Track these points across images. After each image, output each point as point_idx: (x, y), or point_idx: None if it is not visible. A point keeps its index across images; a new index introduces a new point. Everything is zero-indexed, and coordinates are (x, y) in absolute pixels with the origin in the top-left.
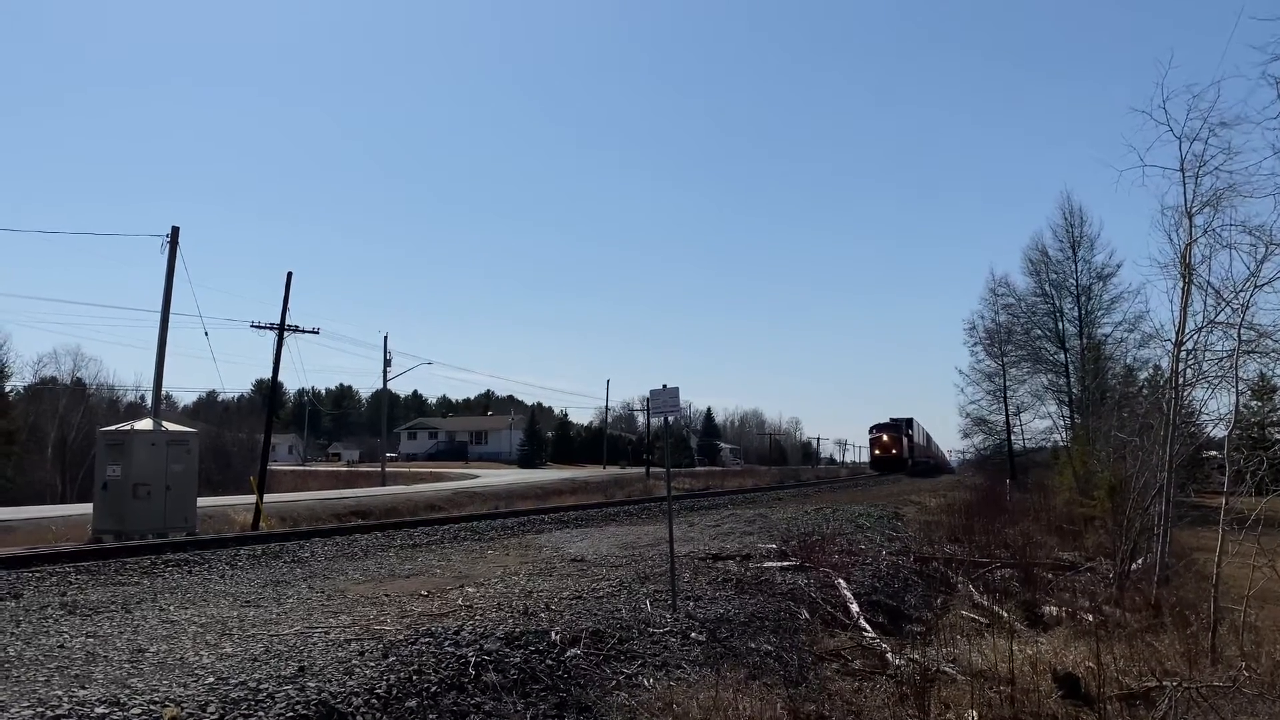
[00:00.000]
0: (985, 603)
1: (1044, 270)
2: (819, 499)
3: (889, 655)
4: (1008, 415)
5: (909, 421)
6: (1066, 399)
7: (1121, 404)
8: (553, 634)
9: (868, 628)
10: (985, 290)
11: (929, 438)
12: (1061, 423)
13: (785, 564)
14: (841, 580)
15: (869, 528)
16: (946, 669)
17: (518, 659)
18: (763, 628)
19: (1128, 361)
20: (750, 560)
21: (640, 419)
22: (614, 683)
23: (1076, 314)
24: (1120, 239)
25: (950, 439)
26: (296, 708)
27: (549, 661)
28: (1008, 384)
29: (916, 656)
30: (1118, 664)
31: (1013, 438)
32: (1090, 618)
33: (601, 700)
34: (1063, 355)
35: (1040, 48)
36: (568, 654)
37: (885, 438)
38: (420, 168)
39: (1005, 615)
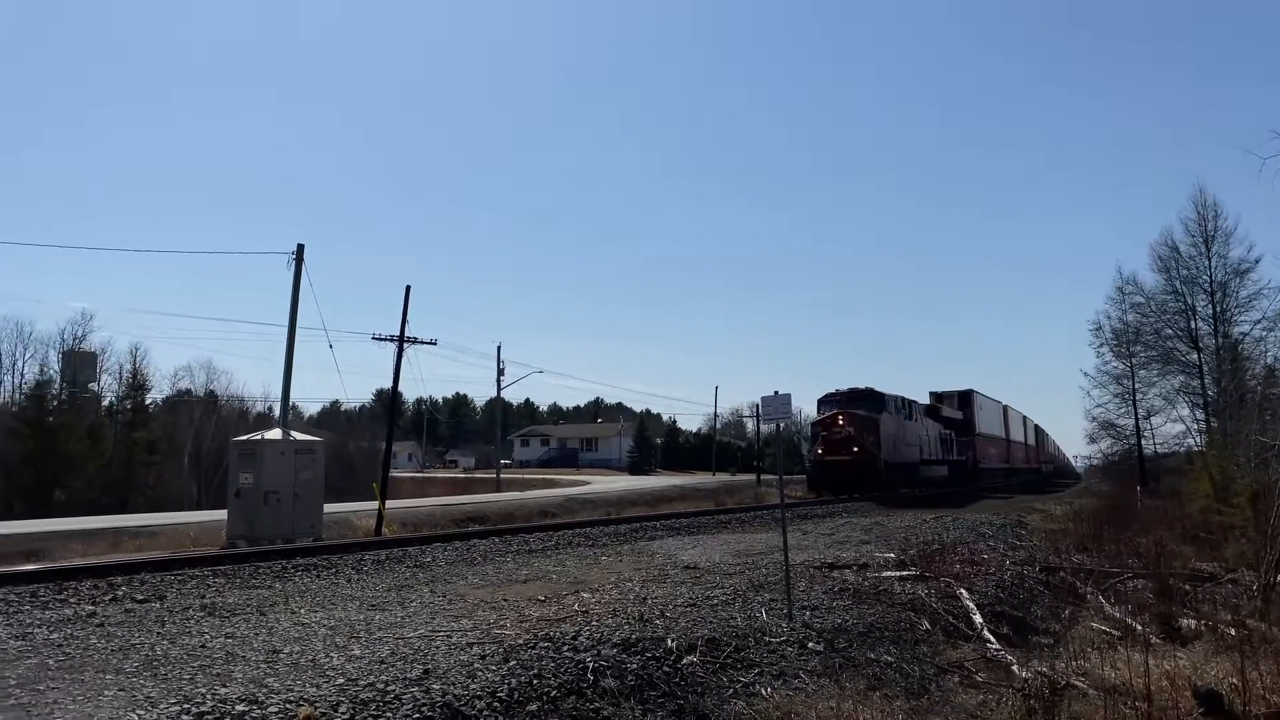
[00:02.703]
0: (1117, 614)
1: (1174, 266)
2: (937, 507)
3: (1014, 668)
4: (1137, 419)
5: (961, 396)
6: (1201, 401)
7: (1263, 406)
8: (669, 641)
9: (992, 639)
10: (1111, 289)
11: (1015, 424)
12: (1195, 426)
13: (904, 573)
14: (963, 590)
15: (990, 536)
16: (1077, 683)
17: (635, 665)
18: (882, 638)
19: (1268, 361)
20: (867, 569)
21: (750, 425)
22: (731, 691)
23: (1211, 312)
24: (1259, 231)
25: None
26: (422, 709)
27: (665, 668)
28: (1137, 386)
29: (1044, 669)
30: (1265, 680)
31: (1143, 442)
32: (1233, 631)
33: (719, 708)
34: (1196, 356)
35: (1174, 37)
36: (684, 661)
37: (840, 424)
38: (529, 185)
39: (1139, 628)
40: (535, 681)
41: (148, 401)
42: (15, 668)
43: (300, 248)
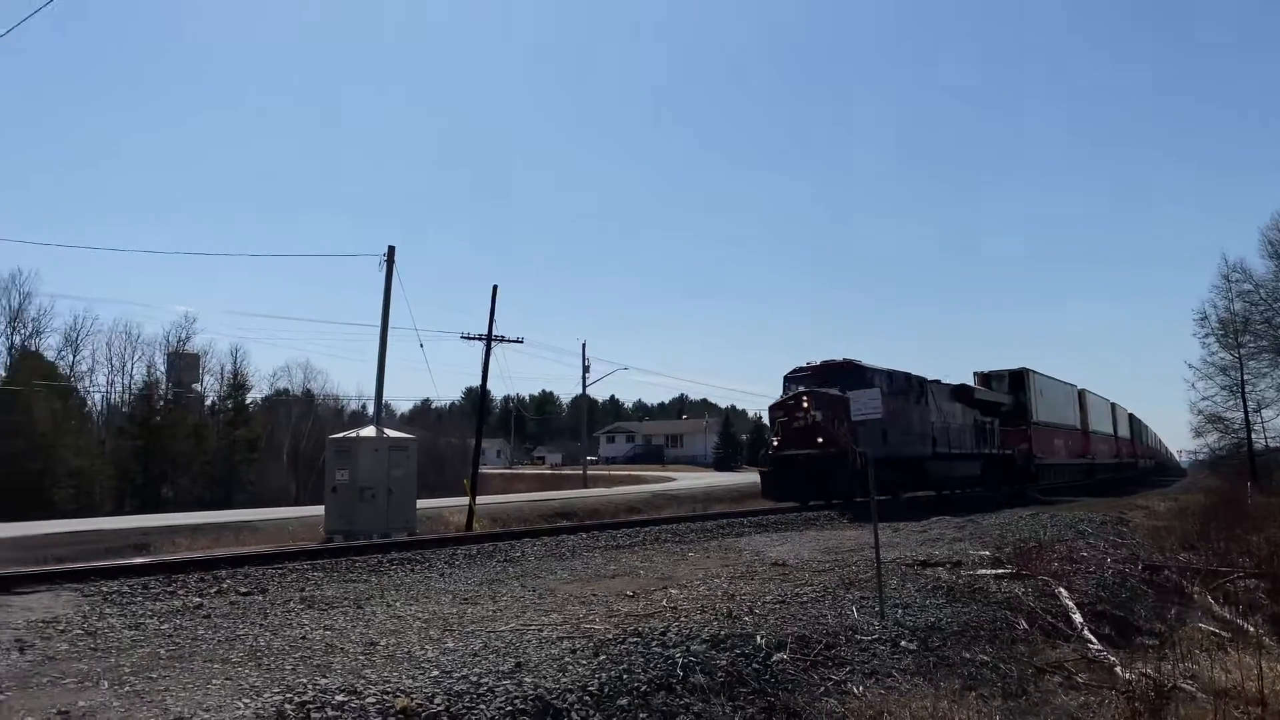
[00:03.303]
0: (1227, 615)
1: None
2: (1035, 503)
3: (1118, 669)
4: (1246, 412)
5: (1012, 377)
6: None
7: None
8: (758, 638)
9: (1093, 639)
10: (1217, 277)
11: (1097, 413)
12: None
13: (1000, 571)
14: (1062, 589)
15: (1090, 534)
16: (1184, 685)
17: (724, 662)
18: (977, 637)
19: None
20: (961, 567)
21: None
22: (822, 689)
23: None
24: None
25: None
26: (515, 702)
27: (755, 665)
28: (1246, 378)
29: (1149, 671)
30: None
31: (1253, 436)
32: None
33: (810, 706)
34: None
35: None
36: (774, 659)
37: (804, 407)
38: (613, 179)
39: (1251, 629)
40: (625, 676)
41: (248, 401)
42: (129, 656)
43: (391, 250)
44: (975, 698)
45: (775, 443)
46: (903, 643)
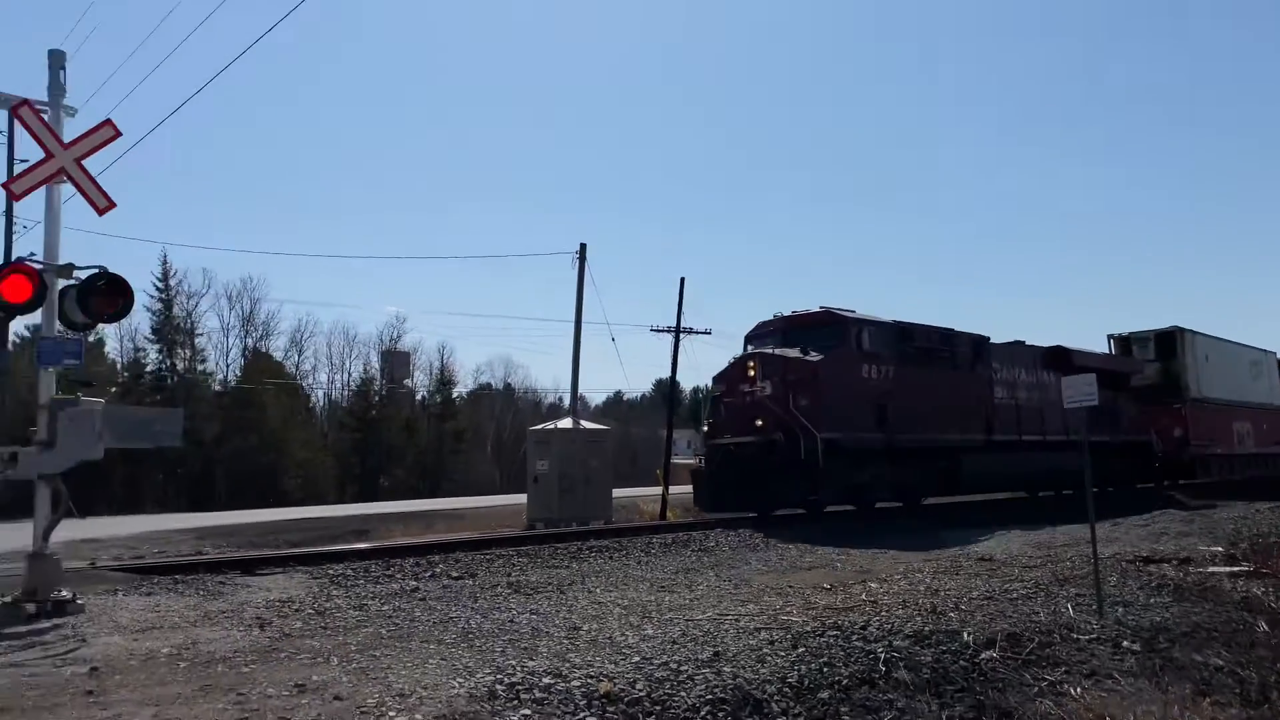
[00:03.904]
0: None
1: None
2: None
3: None
4: None
5: (1160, 339)
6: None
7: None
8: (964, 635)
9: None
10: None
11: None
12: None
13: (1235, 569)
14: None
15: None
16: None
17: (928, 658)
18: (1210, 640)
19: None
20: (1190, 564)
21: None
22: (1035, 690)
23: None
24: None
25: None
26: (714, 690)
27: (962, 663)
28: None
29: None
30: None
31: None
32: None
33: (1023, 706)
34: None
35: None
36: (982, 656)
37: (749, 375)
38: (799, 164)
39: None
40: (825, 669)
41: (455, 395)
42: (355, 635)
43: (583, 247)
44: (1209, 704)
45: (706, 428)
46: (1124, 643)
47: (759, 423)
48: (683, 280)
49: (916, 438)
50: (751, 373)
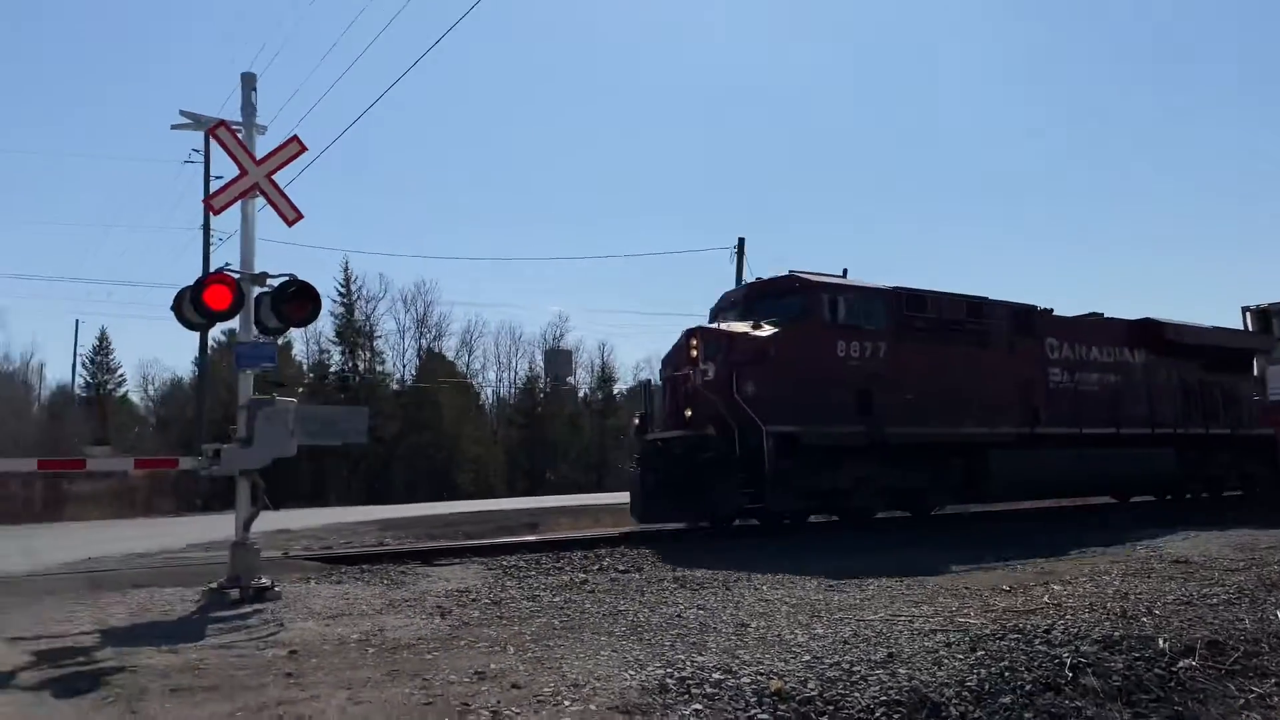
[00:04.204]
0: None
1: None
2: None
3: None
4: None
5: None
6: None
7: None
8: (1159, 641)
9: None
10: None
11: None
12: None
13: None
14: None
15: None
16: None
17: (1119, 664)
18: None
19: None
20: None
21: None
22: (1241, 701)
23: None
24: None
25: None
26: (889, 692)
27: (1157, 670)
28: None
29: None
30: None
31: None
32: None
33: (1226, 719)
34: None
35: None
36: (1179, 665)
37: (692, 355)
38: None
39: None
40: (1006, 674)
41: (615, 392)
42: (529, 625)
43: (741, 241)
44: None
45: (636, 421)
46: None
47: (688, 413)
48: (844, 273)
49: (916, 431)
50: (694, 352)
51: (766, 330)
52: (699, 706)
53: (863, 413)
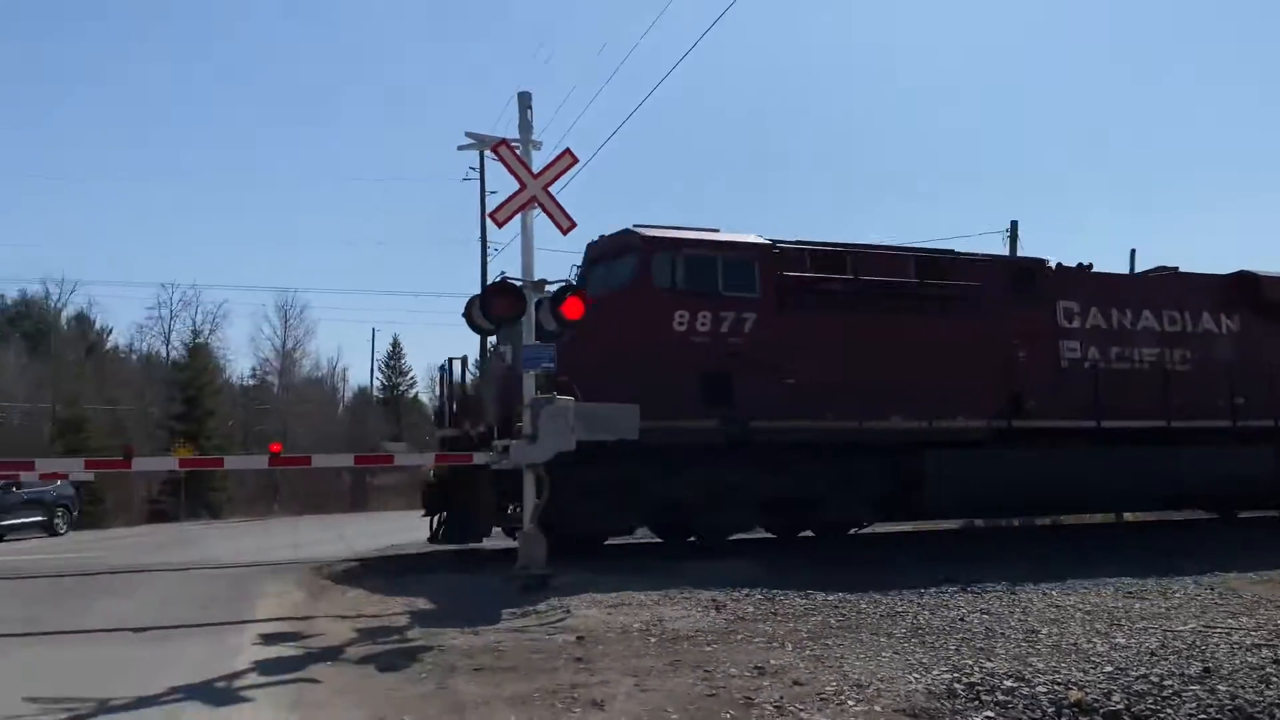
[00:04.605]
0: None
1: None
2: None
3: None
4: None
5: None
6: None
7: None
8: None
9: None
10: None
11: None
12: None
13: None
14: None
15: None
16: None
17: None
18: None
19: None
20: None
21: None
22: None
23: None
24: None
25: None
26: (1208, 709)
27: None
28: None
29: None
30: None
31: None
32: None
33: None
34: None
35: None
36: None
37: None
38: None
39: None
40: None
41: None
42: (804, 622)
43: (1014, 224)
44: None
45: (434, 417)
46: None
47: (454, 408)
48: (1133, 252)
49: (799, 426)
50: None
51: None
52: (990, 714)
53: (716, 402)
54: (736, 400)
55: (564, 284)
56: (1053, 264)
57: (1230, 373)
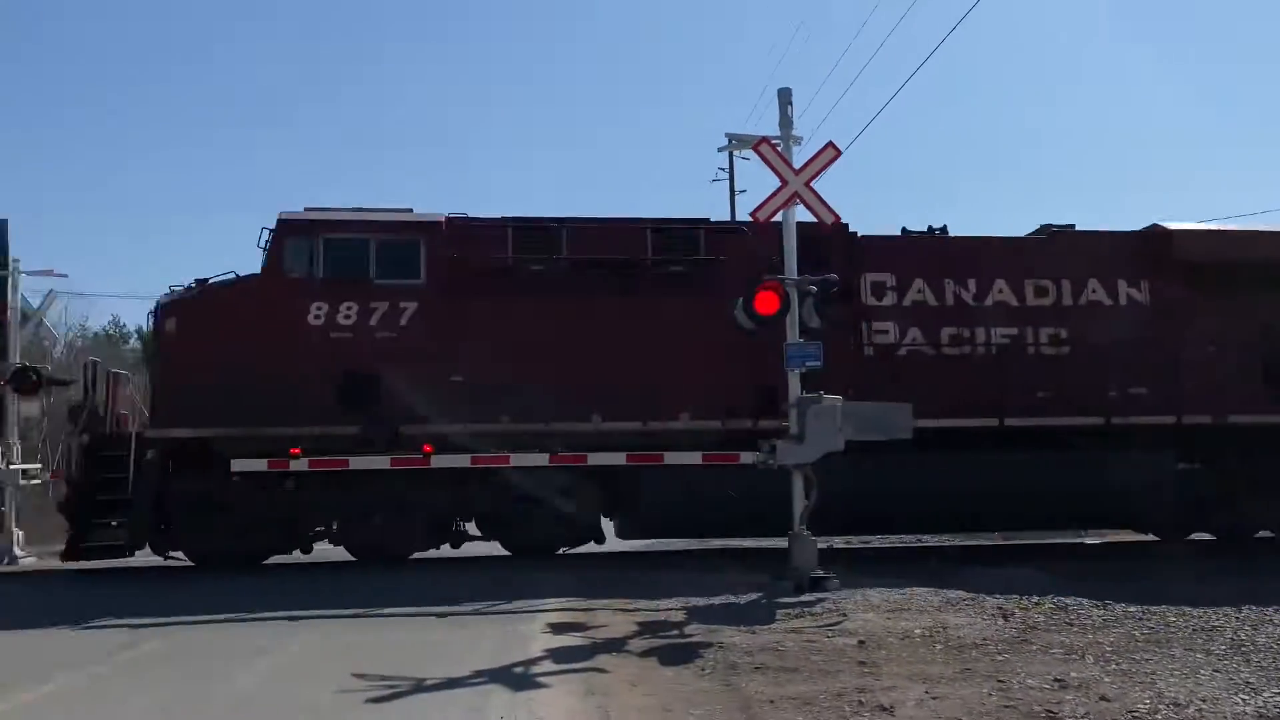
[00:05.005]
0: None
1: None
2: None
3: None
4: None
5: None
6: None
7: None
8: None
9: None
10: None
11: None
12: None
13: None
14: None
15: None
16: None
17: None
18: None
19: None
20: None
21: None
22: None
23: None
24: None
25: None
26: None
27: None
28: None
29: None
30: None
31: None
32: None
33: None
34: None
35: None
36: None
37: None
38: None
39: None
40: None
41: None
42: (1105, 634)
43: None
44: None
45: None
46: None
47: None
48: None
49: (457, 429)
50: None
51: (178, 294)
52: None
53: (359, 405)
54: (384, 402)
55: (824, 278)
56: (860, 233)
57: (1123, 356)
